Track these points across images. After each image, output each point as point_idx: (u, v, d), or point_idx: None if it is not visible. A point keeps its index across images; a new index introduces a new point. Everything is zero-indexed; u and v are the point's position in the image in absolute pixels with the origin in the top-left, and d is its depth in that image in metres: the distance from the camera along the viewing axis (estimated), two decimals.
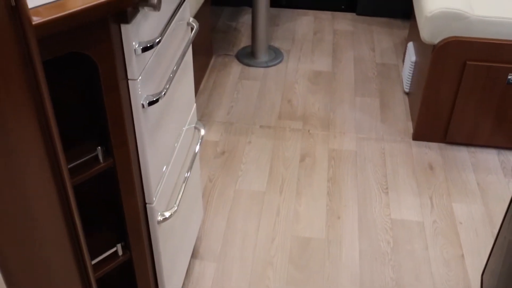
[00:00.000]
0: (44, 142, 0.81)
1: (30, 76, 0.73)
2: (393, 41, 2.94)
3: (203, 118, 2.36)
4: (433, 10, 1.98)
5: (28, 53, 0.72)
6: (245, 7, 3.22)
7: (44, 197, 0.84)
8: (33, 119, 0.77)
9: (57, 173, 0.85)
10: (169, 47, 1.22)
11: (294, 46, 2.89)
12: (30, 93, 0.75)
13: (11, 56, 0.70)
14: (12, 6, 0.66)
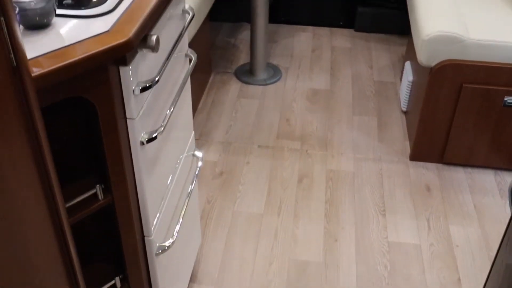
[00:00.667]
0: (42, 186, 0.82)
1: (29, 124, 0.74)
2: (390, 58, 2.96)
3: (201, 137, 2.38)
4: (429, 34, 2.00)
5: (27, 106, 0.73)
6: (244, 23, 3.23)
7: (41, 238, 0.86)
8: (31, 166, 0.78)
9: (55, 214, 0.86)
10: (167, 81, 1.23)
11: (293, 63, 2.90)
12: (29, 141, 0.76)
13: (11, 108, 0.71)
14: (13, 66, 0.67)
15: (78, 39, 0.88)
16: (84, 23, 0.94)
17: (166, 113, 1.21)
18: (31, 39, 0.88)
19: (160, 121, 1.19)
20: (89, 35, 0.89)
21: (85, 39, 0.88)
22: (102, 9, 0.97)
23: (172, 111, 1.22)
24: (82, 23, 0.94)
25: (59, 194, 0.85)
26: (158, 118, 1.18)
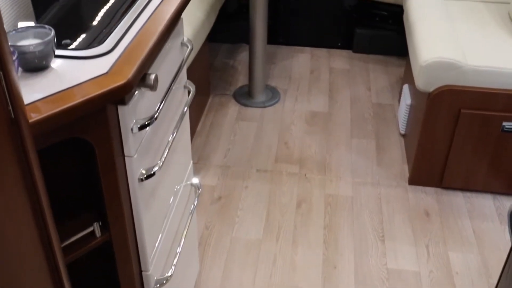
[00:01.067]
0: (39, 233, 0.81)
1: (26, 172, 0.74)
2: (388, 80, 2.97)
3: (200, 161, 2.37)
4: (427, 60, 2.01)
5: (24, 154, 0.73)
6: (242, 44, 3.25)
7: (36, 281, 0.85)
8: (27, 213, 0.78)
9: (51, 258, 0.86)
10: (165, 115, 1.23)
11: (291, 85, 2.91)
12: (26, 188, 0.76)
13: (8, 158, 0.71)
14: (12, 118, 0.67)
15: (77, 81, 0.88)
16: (82, 64, 0.94)
17: (165, 147, 1.21)
18: (30, 81, 0.88)
19: (159, 155, 1.19)
20: (87, 77, 0.89)
21: (83, 81, 0.88)
22: (101, 49, 0.97)
23: (171, 145, 1.22)
24: (81, 64, 0.94)
25: (55, 239, 0.84)
26: (157, 153, 1.18)
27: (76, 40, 1.01)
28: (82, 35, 1.04)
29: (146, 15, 1.10)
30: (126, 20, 1.08)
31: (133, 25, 1.06)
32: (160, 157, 1.16)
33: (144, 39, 1.02)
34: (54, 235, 0.84)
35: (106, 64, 0.93)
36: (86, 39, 1.01)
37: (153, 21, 1.08)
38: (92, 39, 1.00)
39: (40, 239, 0.81)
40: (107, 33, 1.02)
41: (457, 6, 2.43)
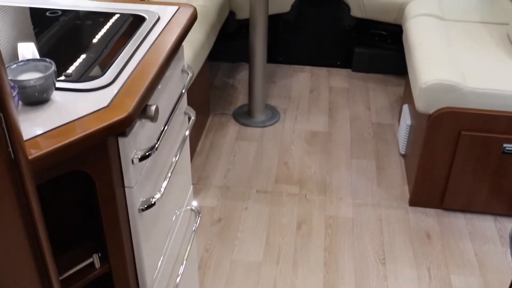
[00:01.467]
0: (36, 264, 0.80)
1: (24, 211, 0.73)
2: (388, 99, 2.97)
3: (199, 182, 2.36)
4: (427, 82, 2.01)
5: (24, 193, 0.73)
6: (242, 62, 3.25)
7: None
8: (26, 252, 0.77)
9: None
10: (166, 142, 1.22)
11: (291, 104, 2.91)
12: (25, 226, 0.75)
13: (7, 198, 0.70)
14: (11, 159, 0.67)
15: (77, 115, 0.88)
16: (83, 97, 0.93)
17: (165, 175, 1.20)
18: (30, 115, 0.88)
19: (159, 184, 1.18)
20: (88, 111, 0.89)
21: (84, 115, 0.88)
22: (101, 81, 0.96)
23: (171, 172, 1.21)
24: (82, 97, 0.93)
25: (54, 274, 0.83)
26: (157, 182, 1.17)
27: (77, 71, 1.01)
28: (83, 65, 1.03)
29: (147, 45, 1.10)
30: (127, 50, 1.08)
31: (134, 55, 1.06)
32: (161, 186, 1.15)
33: (145, 70, 1.01)
34: (53, 270, 0.83)
35: (107, 97, 0.93)
36: (87, 70, 1.01)
37: (154, 52, 1.08)
38: (93, 70, 1.00)
39: (39, 274, 0.80)
40: (108, 64, 1.02)
41: (456, 27, 2.44)
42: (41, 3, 1.28)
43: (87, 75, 0.99)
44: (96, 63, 1.04)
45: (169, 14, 1.24)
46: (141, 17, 1.22)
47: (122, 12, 1.24)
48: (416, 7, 2.60)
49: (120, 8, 1.27)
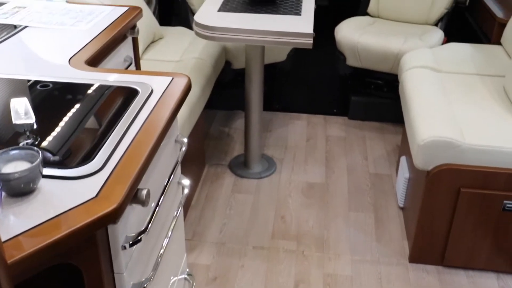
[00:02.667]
0: None
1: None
2: (385, 148, 2.95)
3: (194, 237, 2.31)
4: (425, 139, 1.98)
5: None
6: (238, 110, 3.24)
7: None
8: None
9: None
10: (158, 220, 1.18)
11: (287, 154, 2.88)
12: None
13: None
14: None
15: (64, 208, 0.84)
16: (71, 186, 0.90)
17: (158, 254, 1.15)
18: (15, 209, 0.84)
19: (151, 264, 1.13)
20: (75, 203, 0.85)
21: (71, 208, 0.84)
22: (90, 168, 0.93)
23: (164, 250, 1.16)
24: (69, 186, 0.90)
25: None
26: (149, 261, 1.13)
27: (65, 154, 0.97)
28: (71, 147, 1.00)
29: (139, 124, 1.07)
30: (118, 129, 1.05)
31: (125, 135, 1.03)
32: (153, 267, 1.11)
33: (136, 153, 0.98)
34: None
35: (96, 185, 0.89)
36: (76, 153, 0.98)
37: (146, 131, 1.05)
38: (82, 155, 0.97)
39: None
40: (97, 146, 0.99)
41: (452, 79, 2.43)
42: (31, 75, 1.25)
43: (75, 160, 0.95)
44: (86, 145, 1.00)
45: (162, 87, 1.22)
46: (134, 90, 1.20)
47: (115, 84, 1.22)
48: (411, 59, 2.61)
49: (112, 80, 1.24)
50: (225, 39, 2.18)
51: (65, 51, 1.41)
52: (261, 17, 2.21)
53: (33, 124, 1.03)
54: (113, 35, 1.54)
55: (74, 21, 1.62)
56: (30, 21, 1.60)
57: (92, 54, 1.41)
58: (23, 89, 1.19)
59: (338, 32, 3.06)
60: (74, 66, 1.32)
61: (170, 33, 2.91)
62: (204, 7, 2.33)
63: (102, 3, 1.82)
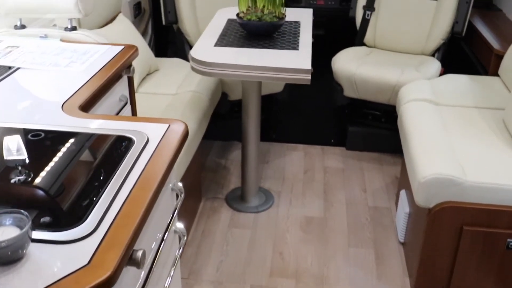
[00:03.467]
0: None
1: None
2: (384, 180, 2.91)
3: (190, 276, 2.25)
4: (426, 176, 1.95)
5: None
6: (234, 141, 3.20)
7: None
8: None
9: None
10: (154, 276, 1.13)
11: (285, 187, 2.84)
12: None
13: None
14: None
15: (54, 278, 0.79)
16: (61, 251, 0.85)
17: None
18: (1, 280, 0.78)
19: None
20: (66, 272, 0.80)
21: (61, 278, 0.79)
22: (82, 231, 0.88)
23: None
24: (60, 251, 0.85)
25: None
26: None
27: (56, 215, 0.93)
28: (63, 206, 0.95)
29: (134, 178, 1.03)
30: (112, 185, 1.00)
31: (119, 192, 0.99)
32: None
33: (131, 212, 0.94)
34: None
35: (88, 250, 0.85)
36: (67, 214, 0.93)
37: (141, 187, 1.01)
38: (73, 214, 0.92)
39: None
40: (90, 205, 0.94)
41: (450, 112, 2.41)
42: (23, 122, 1.21)
43: (66, 221, 0.91)
44: (77, 204, 0.96)
45: (158, 135, 1.18)
46: (129, 139, 1.15)
47: (109, 133, 1.18)
48: (410, 91, 2.59)
49: (107, 127, 1.20)
50: (221, 74, 2.15)
51: (58, 95, 1.37)
52: (258, 52, 2.19)
53: (25, 159, 1.03)
54: (108, 76, 1.51)
55: (68, 61, 1.58)
56: (23, 62, 1.57)
57: (86, 98, 1.37)
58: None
59: (335, 63, 3.04)
60: (67, 112, 1.28)
61: (166, 65, 2.88)
62: (200, 41, 2.31)
63: (97, 42, 1.80)
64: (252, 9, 2.33)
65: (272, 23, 2.29)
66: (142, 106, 2.10)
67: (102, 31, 2.42)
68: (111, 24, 2.56)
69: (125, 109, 1.69)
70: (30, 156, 1.05)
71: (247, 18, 2.30)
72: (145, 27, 3.38)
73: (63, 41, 1.76)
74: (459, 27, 3.07)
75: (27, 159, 1.02)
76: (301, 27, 2.49)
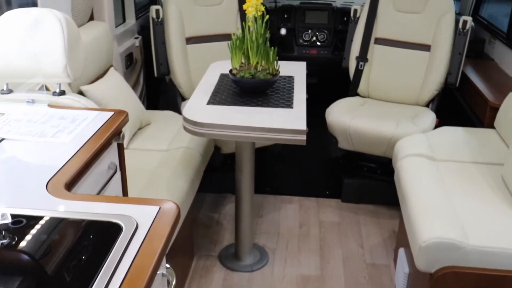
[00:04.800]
0: None
1: None
2: (381, 235, 2.84)
3: None
4: (427, 240, 1.88)
5: None
6: (228, 194, 3.13)
7: None
8: None
9: None
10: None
11: (280, 243, 2.75)
12: None
13: None
14: None
15: None
16: None
17: None
18: None
19: None
20: None
21: None
22: None
23: None
24: None
25: None
26: None
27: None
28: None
29: (122, 273, 0.96)
30: (99, 283, 0.93)
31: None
32: None
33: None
34: None
35: None
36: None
37: (129, 283, 0.93)
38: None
39: None
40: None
41: (448, 168, 2.36)
42: (3, 206, 1.14)
43: None
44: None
45: (148, 219, 1.11)
46: (117, 226, 1.08)
47: (96, 218, 1.11)
48: (406, 146, 2.54)
49: (93, 211, 1.14)
50: (214, 135, 2.11)
51: (43, 172, 1.31)
52: (251, 111, 2.14)
53: (9, 224, 1.04)
54: (96, 148, 1.45)
55: (55, 130, 1.52)
56: (8, 132, 1.50)
57: (73, 174, 1.31)
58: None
59: (329, 114, 3.01)
60: (52, 192, 1.21)
61: (157, 118, 2.83)
62: (193, 100, 2.26)
63: (85, 106, 1.74)
64: (245, 65, 2.30)
65: (265, 80, 2.26)
66: (132, 164, 2.03)
67: (93, 87, 2.38)
68: (102, 79, 2.52)
69: (114, 177, 1.62)
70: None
71: (240, 75, 2.26)
72: (136, 78, 3.35)
73: (51, 107, 1.70)
74: (453, 78, 3.07)
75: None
76: (295, 83, 2.46)
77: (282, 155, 3.15)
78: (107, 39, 2.65)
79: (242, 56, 2.30)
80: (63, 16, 1.72)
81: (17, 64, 1.71)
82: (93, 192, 1.50)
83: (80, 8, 2.53)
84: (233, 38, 2.27)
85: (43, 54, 1.68)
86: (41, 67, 1.69)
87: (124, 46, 3.13)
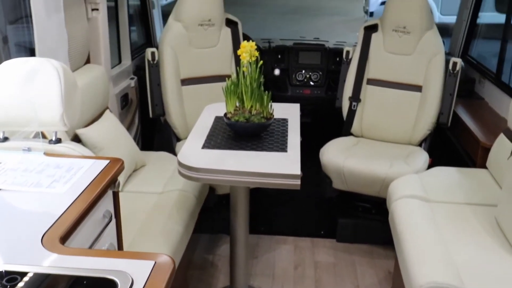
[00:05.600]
0: None
1: None
2: (377, 275, 2.82)
3: None
4: (422, 285, 1.88)
5: None
6: (222, 234, 3.12)
7: None
8: None
9: None
10: None
11: (275, 285, 2.73)
12: None
13: None
14: None
15: None
16: None
17: None
18: None
19: None
20: None
21: None
22: None
23: None
24: None
25: None
26: None
27: None
28: None
29: None
30: None
31: None
32: None
33: None
34: None
35: None
36: None
37: None
38: None
39: None
40: None
41: (442, 210, 2.37)
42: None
43: None
44: None
45: (144, 275, 1.11)
46: (112, 282, 1.08)
47: (90, 274, 1.11)
48: (399, 187, 2.56)
49: (89, 266, 1.13)
50: (209, 180, 2.12)
51: (38, 225, 1.31)
52: (246, 155, 2.16)
53: (3, 281, 1.03)
54: (91, 198, 1.46)
55: (51, 180, 1.53)
56: (4, 182, 1.51)
57: (68, 227, 1.31)
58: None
59: (323, 155, 3.03)
60: (47, 247, 1.21)
61: (152, 160, 2.85)
62: (187, 144, 2.28)
63: (81, 155, 1.75)
64: (239, 109, 2.33)
65: (260, 124, 2.28)
66: (127, 208, 2.03)
67: (89, 130, 2.40)
68: (97, 122, 2.54)
69: (109, 226, 1.62)
70: None
71: (234, 119, 2.29)
72: (132, 118, 3.37)
73: (47, 155, 1.71)
74: (444, 118, 3.11)
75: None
76: (289, 125, 2.49)
77: (276, 195, 3.16)
78: (103, 81, 2.68)
79: (236, 100, 2.33)
80: (60, 65, 1.75)
81: (14, 112, 1.72)
82: (88, 241, 1.50)
83: (77, 52, 2.57)
84: (228, 83, 2.30)
85: (40, 103, 1.70)
86: (38, 115, 1.71)
87: (120, 86, 3.16)
